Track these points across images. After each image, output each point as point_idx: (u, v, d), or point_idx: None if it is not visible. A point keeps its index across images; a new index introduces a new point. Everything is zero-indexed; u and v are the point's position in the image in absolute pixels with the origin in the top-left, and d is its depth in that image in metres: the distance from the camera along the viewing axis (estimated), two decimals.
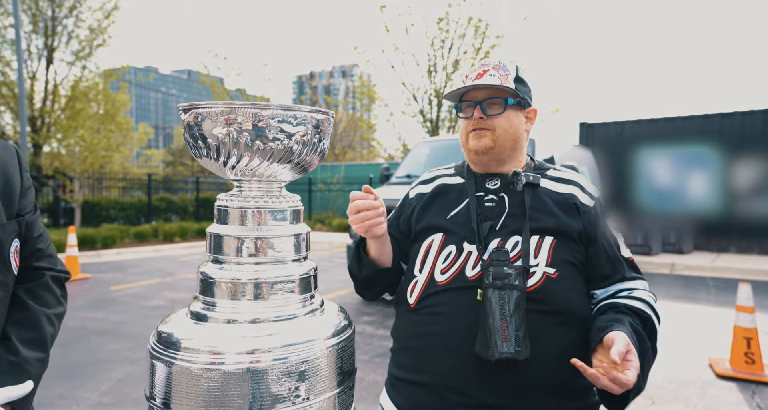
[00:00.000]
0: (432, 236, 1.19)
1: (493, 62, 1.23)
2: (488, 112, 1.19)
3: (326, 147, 0.86)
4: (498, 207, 1.17)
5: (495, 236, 1.13)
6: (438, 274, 1.14)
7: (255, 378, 0.69)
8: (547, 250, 1.11)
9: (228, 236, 0.80)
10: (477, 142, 1.19)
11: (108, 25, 12.70)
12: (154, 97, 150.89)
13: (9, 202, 0.98)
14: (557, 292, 1.08)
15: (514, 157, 1.22)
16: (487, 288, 1.05)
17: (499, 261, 1.08)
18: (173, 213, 15.55)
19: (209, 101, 0.76)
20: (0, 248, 0.93)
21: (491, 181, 1.22)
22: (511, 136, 1.20)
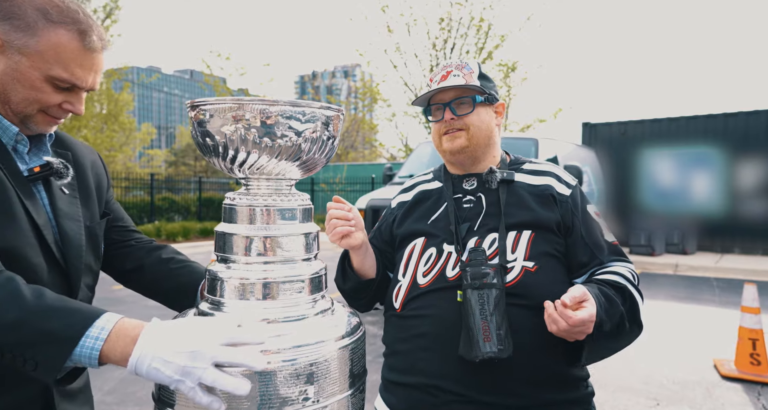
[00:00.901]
0: (414, 241, 1.21)
1: (455, 62, 1.24)
2: (458, 112, 1.19)
3: (336, 144, 0.84)
4: (476, 207, 1.19)
5: (472, 236, 1.15)
6: (420, 277, 1.16)
7: (263, 379, 0.68)
8: (525, 245, 1.12)
9: (236, 235, 0.79)
10: (451, 144, 1.20)
11: (110, 24, 12.73)
12: (156, 97, 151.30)
13: (101, 201, 1.09)
14: (537, 285, 1.08)
15: (488, 153, 1.23)
16: (466, 289, 1.06)
17: (476, 261, 1.09)
18: (176, 213, 15.56)
19: (217, 98, 0.74)
20: (96, 242, 1.03)
21: (468, 182, 1.23)
22: (485, 133, 1.21)
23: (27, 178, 0.91)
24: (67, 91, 0.91)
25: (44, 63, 0.87)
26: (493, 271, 1.06)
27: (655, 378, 3.57)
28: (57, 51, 0.87)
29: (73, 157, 1.04)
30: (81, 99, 0.94)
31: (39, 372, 0.66)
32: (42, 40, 0.86)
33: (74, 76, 0.89)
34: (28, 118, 0.90)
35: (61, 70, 0.88)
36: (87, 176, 1.06)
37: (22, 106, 0.89)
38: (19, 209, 0.86)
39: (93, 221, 1.02)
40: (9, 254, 0.82)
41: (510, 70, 13.94)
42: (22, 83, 0.87)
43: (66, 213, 0.95)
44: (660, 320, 5.15)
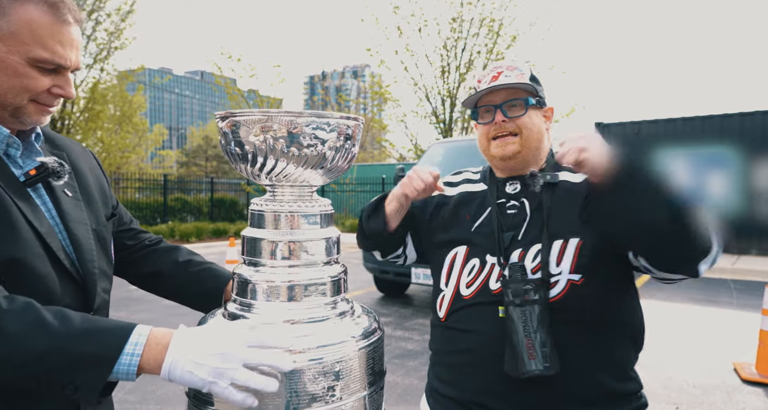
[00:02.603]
0: (455, 249, 1.17)
1: (505, 64, 1.19)
2: (510, 114, 1.15)
3: (356, 152, 0.88)
4: (519, 214, 1.14)
5: (516, 247, 1.10)
6: (463, 288, 1.13)
7: (292, 377, 0.72)
8: (571, 255, 1.06)
9: (263, 239, 0.82)
10: (503, 150, 1.15)
11: (124, 27, 12.93)
12: (168, 98, 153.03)
13: (106, 202, 1.06)
14: (584, 299, 1.03)
15: (538, 157, 1.19)
16: (508, 306, 1.03)
17: (515, 278, 1.05)
18: (188, 214, 15.75)
19: (245, 109, 0.78)
20: (106, 245, 1.00)
21: (511, 185, 1.19)
22: (536, 136, 1.16)
23: (24, 183, 0.87)
24: (53, 73, 0.85)
25: (21, 45, 0.81)
26: (534, 287, 1.02)
27: (675, 382, 3.55)
28: (31, 28, 0.81)
29: (68, 157, 1.00)
30: (69, 81, 0.88)
31: (79, 393, 0.67)
32: (13, 20, 0.80)
33: (56, 55, 0.83)
34: (20, 111, 0.85)
35: (40, 49, 0.82)
36: (86, 177, 1.02)
37: (10, 97, 0.83)
38: (19, 218, 0.82)
39: (99, 223, 0.99)
40: (13, 267, 0.79)
41: None
42: (5, 71, 0.81)
43: (73, 216, 0.92)
44: (678, 323, 5.11)
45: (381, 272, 5.89)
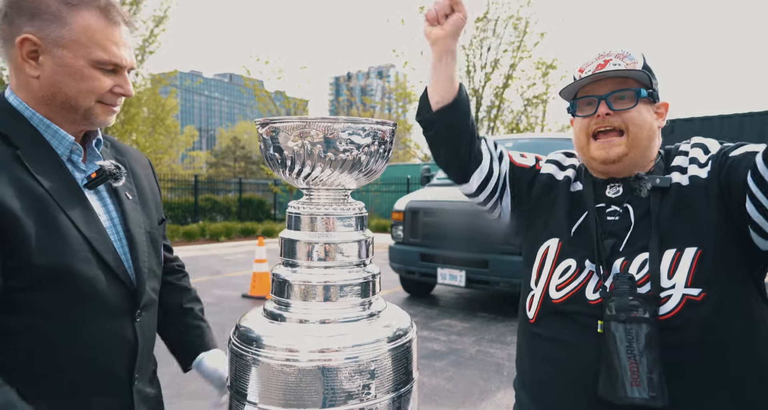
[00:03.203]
0: (548, 242, 1.05)
1: (614, 51, 1.03)
2: (615, 106, 0.99)
3: (390, 155, 0.90)
4: (622, 221, 0.99)
5: (618, 256, 0.96)
6: (553, 290, 1.01)
7: (328, 375, 0.74)
8: (688, 266, 0.91)
9: (299, 241, 0.85)
10: (606, 152, 1.00)
11: (158, 33, 13.36)
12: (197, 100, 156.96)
13: (158, 207, 1.13)
14: (703, 319, 0.88)
15: (646, 159, 1.03)
16: (609, 321, 0.90)
17: (622, 290, 0.91)
18: (217, 213, 16.14)
19: (284, 116, 0.81)
20: (156, 247, 1.06)
21: (612, 188, 1.04)
22: (646, 135, 1.00)
23: (86, 185, 0.93)
24: (113, 73, 0.92)
25: (83, 48, 0.88)
26: (643, 302, 0.89)
27: None
28: (88, 33, 0.88)
29: (128, 162, 1.07)
30: (127, 79, 0.96)
31: None
32: (73, 27, 0.87)
33: (113, 55, 0.90)
34: (90, 112, 0.92)
35: (99, 51, 0.89)
36: (142, 181, 1.10)
37: (81, 100, 0.90)
38: (67, 224, 0.86)
39: (152, 226, 1.06)
40: (60, 273, 0.84)
41: (549, 67, 13.64)
42: (73, 76, 0.88)
43: (132, 218, 0.99)
44: None
45: (407, 272, 5.90)
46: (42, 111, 0.91)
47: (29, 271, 0.82)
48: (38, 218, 0.84)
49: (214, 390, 1.14)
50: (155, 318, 1.08)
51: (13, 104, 0.91)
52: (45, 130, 0.91)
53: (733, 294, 0.91)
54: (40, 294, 0.84)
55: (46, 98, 0.90)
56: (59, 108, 0.91)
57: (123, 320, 0.95)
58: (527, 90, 14.25)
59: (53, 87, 0.89)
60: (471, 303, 6.20)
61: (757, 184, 0.85)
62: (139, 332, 0.98)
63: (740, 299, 0.92)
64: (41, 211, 0.84)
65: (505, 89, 14.10)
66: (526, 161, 1.20)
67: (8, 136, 0.87)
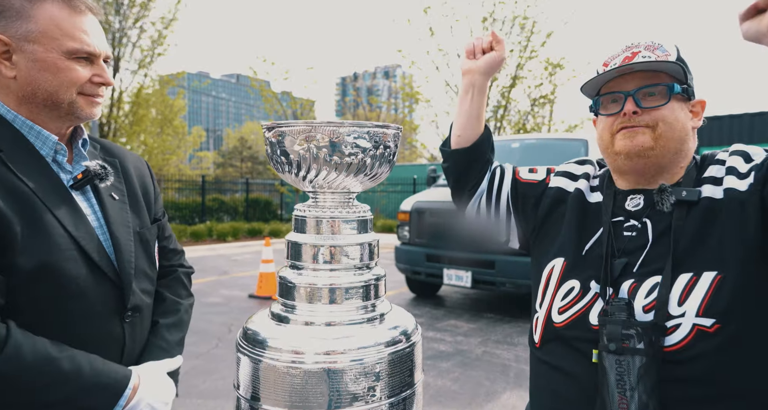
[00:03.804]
0: (554, 261, 0.98)
1: (644, 42, 0.92)
2: (644, 103, 0.89)
3: (395, 159, 0.91)
4: (639, 237, 0.90)
5: (628, 278, 0.88)
6: (555, 313, 0.94)
7: (334, 377, 0.75)
8: (703, 293, 0.81)
9: (305, 244, 0.86)
10: (630, 142, 0.89)
11: (166, 34, 13.46)
12: (205, 100, 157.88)
13: (150, 208, 1.13)
14: (715, 354, 0.79)
15: (676, 163, 0.92)
16: (602, 350, 0.83)
17: (616, 318, 0.84)
18: (224, 214, 16.23)
19: (290, 120, 0.82)
20: (148, 248, 1.06)
21: (633, 200, 0.94)
22: (678, 135, 0.90)
23: (72, 186, 0.94)
24: (89, 63, 0.92)
25: (53, 41, 0.88)
26: (640, 332, 0.81)
27: None
28: (55, 24, 0.88)
29: (120, 163, 1.07)
30: (104, 68, 0.95)
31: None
32: (39, 20, 0.87)
33: (84, 43, 0.90)
34: (73, 106, 0.92)
35: (70, 41, 0.89)
36: (133, 182, 1.09)
37: (62, 94, 0.90)
38: (53, 223, 0.87)
39: (143, 226, 1.06)
40: (45, 271, 0.85)
41: (556, 67, 13.57)
42: (49, 70, 0.88)
43: (116, 219, 0.99)
44: None
45: (413, 272, 5.90)
46: (24, 112, 0.92)
47: (17, 271, 0.83)
48: (24, 218, 0.84)
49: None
50: (149, 320, 1.07)
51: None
52: (28, 131, 0.92)
53: (757, 327, 0.80)
54: (27, 294, 0.85)
55: (27, 97, 0.90)
56: (42, 106, 0.91)
57: (111, 320, 0.96)
58: (534, 90, 14.20)
59: (32, 84, 0.89)
60: (477, 304, 6.18)
61: None
62: (128, 332, 0.99)
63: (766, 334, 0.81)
64: (27, 211, 0.85)
65: (512, 89, 14.06)
66: (534, 176, 1.13)
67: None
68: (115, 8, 12.63)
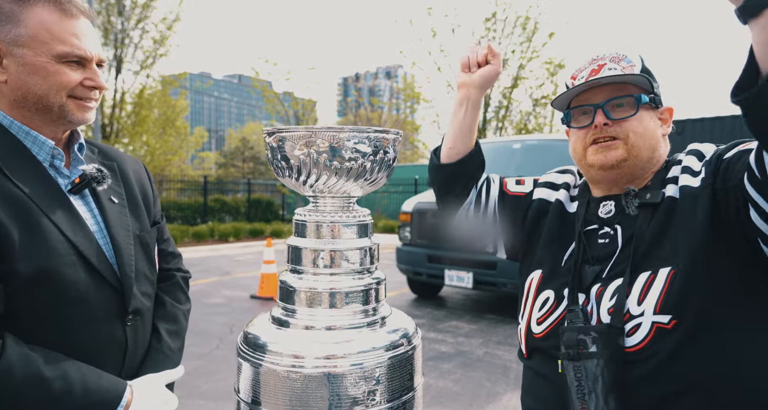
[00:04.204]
0: (533, 273, 1.01)
1: (609, 54, 0.95)
2: (614, 115, 0.93)
3: (394, 163, 0.91)
4: (611, 244, 0.92)
5: (597, 282, 0.90)
6: (534, 324, 0.96)
7: (334, 381, 0.75)
8: (659, 290, 0.81)
9: (305, 248, 0.86)
10: (604, 156, 0.92)
11: (169, 35, 13.49)
12: (207, 101, 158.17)
13: (149, 211, 1.13)
14: (674, 351, 0.78)
15: (647, 170, 0.95)
16: (563, 359, 0.85)
17: (571, 325, 0.86)
18: (226, 214, 16.26)
19: (292, 126, 0.83)
20: (148, 251, 1.07)
21: (605, 207, 0.97)
22: (648, 144, 0.93)
23: (70, 191, 0.94)
24: (80, 67, 0.91)
25: (42, 44, 0.87)
26: (595, 336, 0.82)
27: None
28: (45, 27, 0.87)
29: (118, 167, 1.07)
30: (96, 72, 0.95)
31: None
32: (29, 24, 0.87)
33: (75, 47, 0.89)
34: (63, 109, 0.92)
35: (60, 45, 0.88)
36: (132, 186, 1.09)
37: (51, 97, 0.90)
38: (51, 228, 0.87)
39: (143, 229, 1.06)
40: (44, 276, 0.85)
41: (557, 67, 13.57)
42: (38, 74, 0.88)
43: (116, 222, 0.99)
44: None
45: (414, 273, 5.90)
46: (19, 117, 0.92)
47: (15, 277, 0.83)
48: (21, 224, 0.85)
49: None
50: (150, 323, 1.07)
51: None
52: (24, 137, 0.92)
53: (711, 318, 0.79)
54: (27, 299, 0.85)
55: (18, 101, 0.90)
56: (34, 110, 0.91)
57: (113, 323, 0.96)
58: (536, 90, 14.19)
59: (22, 88, 0.89)
60: (478, 305, 6.18)
61: (756, 188, 0.74)
62: (130, 335, 0.99)
63: (728, 326, 0.79)
64: (23, 217, 0.85)
65: (514, 89, 14.05)
66: (522, 188, 1.15)
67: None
68: (117, 9, 12.66)
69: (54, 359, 0.85)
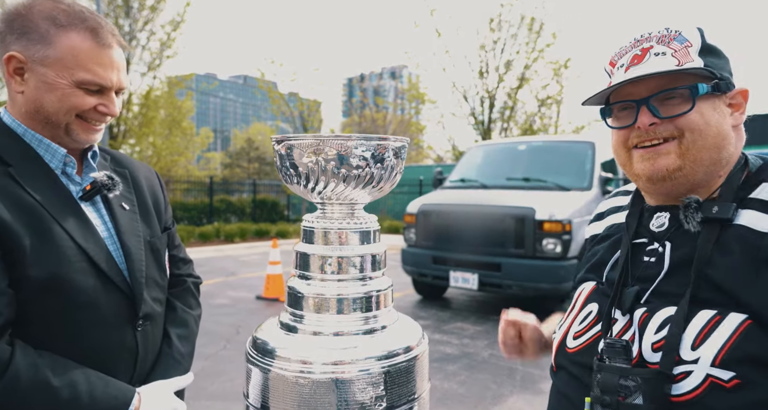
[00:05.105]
0: (585, 284, 0.90)
1: (656, 32, 0.76)
2: (663, 112, 0.75)
3: (402, 170, 0.92)
4: (656, 264, 0.77)
5: (640, 306, 0.76)
6: (570, 338, 0.85)
7: (342, 387, 0.76)
8: (725, 337, 0.65)
9: (313, 255, 0.87)
10: (651, 165, 0.76)
11: (175, 37, 13.57)
12: (213, 102, 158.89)
13: (160, 217, 1.15)
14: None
15: (713, 175, 0.77)
16: (594, 404, 0.72)
17: (611, 363, 0.72)
18: (232, 214, 16.33)
19: (300, 134, 0.84)
20: (159, 257, 1.09)
21: (658, 219, 0.81)
22: (712, 142, 0.74)
23: (81, 198, 0.96)
24: (98, 93, 0.94)
25: (66, 69, 0.90)
26: (640, 382, 0.68)
27: None
28: (73, 54, 0.90)
29: (130, 174, 1.09)
30: (113, 100, 0.97)
31: None
32: (58, 48, 0.89)
33: (97, 76, 0.92)
34: (69, 128, 0.94)
35: (83, 72, 0.90)
36: (144, 192, 1.11)
37: (60, 116, 0.92)
38: (62, 235, 0.88)
39: (153, 235, 1.08)
40: (55, 282, 0.86)
41: (562, 67, 13.54)
42: (54, 93, 0.90)
43: (127, 228, 1.01)
44: None
45: (419, 275, 5.91)
46: (31, 126, 0.94)
47: (27, 283, 0.85)
48: (32, 231, 0.86)
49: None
50: (160, 328, 1.09)
51: (6, 122, 0.95)
52: (38, 145, 0.94)
53: None
54: (38, 305, 0.87)
55: (30, 113, 0.93)
56: (44, 123, 0.93)
57: (123, 329, 0.97)
58: (541, 90, 14.15)
59: (35, 102, 0.91)
60: (483, 307, 6.17)
61: None
62: (141, 341, 1.00)
63: None
64: (35, 224, 0.87)
65: (519, 90, 14.02)
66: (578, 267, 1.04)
67: (0, 154, 0.90)
68: (125, 11, 12.76)
69: (62, 366, 0.86)
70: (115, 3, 12.52)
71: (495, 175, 5.92)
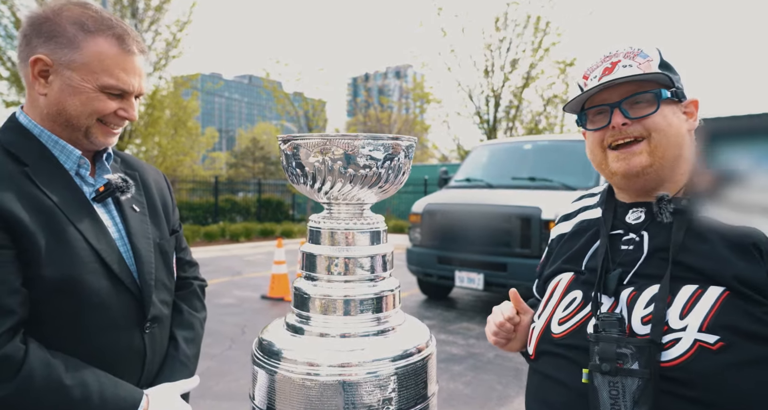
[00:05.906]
0: (560, 276, 0.97)
1: (622, 49, 0.90)
2: (632, 113, 0.87)
3: (409, 169, 0.91)
4: (635, 251, 0.87)
5: (626, 287, 0.84)
6: (555, 324, 0.91)
7: (349, 389, 0.75)
8: (708, 306, 0.75)
9: (320, 255, 0.86)
10: (626, 163, 0.87)
11: (180, 38, 13.62)
12: (218, 101, 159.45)
13: (168, 219, 1.15)
14: (718, 374, 0.72)
15: (677, 171, 0.89)
16: (593, 371, 0.78)
17: (608, 333, 0.78)
18: (237, 214, 16.38)
19: (306, 133, 0.83)
20: (167, 259, 1.09)
21: (634, 213, 0.91)
22: (674, 141, 0.87)
23: (94, 199, 0.97)
24: (119, 98, 0.96)
25: (92, 74, 0.91)
26: (635, 350, 0.75)
27: None
28: (100, 59, 0.92)
29: (140, 176, 1.10)
30: (133, 105, 0.99)
31: None
32: (85, 53, 0.91)
33: (120, 81, 0.94)
34: (89, 131, 0.95)
35: (107, 77, 0.92)
36: (153, 195, 1.12)
37: (83, 119, 0.93)
38: (76, 236, 0.89)
39: (162, 238, 1.08)
40: (68, 283, 0.87)
41: (568, 65, 13.46)
42: (78, 97, 0.92)
43: (137, 230, 1.02)
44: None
45: (425, 274, 5.89)
46: (49, 127, 0.95)
47: (40, 283, 0.85)
48: (48, 231, 0.87)
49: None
50: (167, 330, 1.09)
51: (23, 123, 0.95)
52: (53, 146, 0.95)
53: (761, 356, 0.73)
54: (50, 305, 0.87)
55: (52, 115, 0.94)
56: (64, 125, 0.94)
57: (132, 331, 0.98)
58: (546, 90, 14.09)
59: (58, 105, 0.93)
60: (489, 306, 6.12)
61: None
62: (149, 343, 1.00)
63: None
64: (50, 224, 0.88)
65: (524, 89, 13.97)
66: (543, 265, 1.15)
67: (17, 154, 0.91)
68: (131, 12, 12.82)
69: (74, 366, 0.86)
70: (121, 3, 12.57)
71: (500, 175, 5.89)
